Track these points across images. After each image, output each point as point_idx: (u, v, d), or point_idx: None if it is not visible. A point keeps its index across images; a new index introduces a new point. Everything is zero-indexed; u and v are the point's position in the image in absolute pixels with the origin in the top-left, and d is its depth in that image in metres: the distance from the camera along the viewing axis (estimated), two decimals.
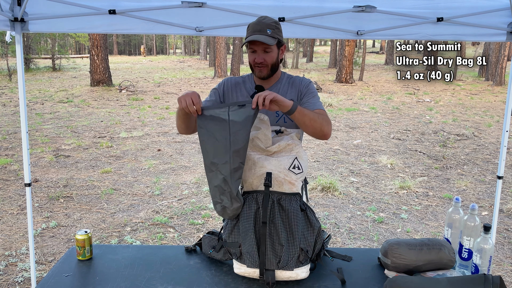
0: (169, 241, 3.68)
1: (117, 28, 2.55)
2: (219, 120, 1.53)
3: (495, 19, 2.54)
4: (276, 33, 1.75)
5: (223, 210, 1.57)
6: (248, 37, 1.72)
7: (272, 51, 1.76)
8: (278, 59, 1.81)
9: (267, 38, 1.71)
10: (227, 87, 1.90)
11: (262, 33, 1.71)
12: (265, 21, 1.75)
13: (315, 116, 1.63)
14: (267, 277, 1.53)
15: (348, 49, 17.15)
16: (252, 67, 1.81)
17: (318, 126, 1.63)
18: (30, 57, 22.33)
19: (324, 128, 1.65)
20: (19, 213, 4.26)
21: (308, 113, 1.61)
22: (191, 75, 21.01)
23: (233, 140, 1.51)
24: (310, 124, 1.62)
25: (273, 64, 1.79)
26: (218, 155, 1.53)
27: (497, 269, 3.31)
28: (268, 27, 1.73)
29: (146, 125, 8.86)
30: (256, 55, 1.76)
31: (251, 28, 1.75)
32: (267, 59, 1.76)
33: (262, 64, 1.76)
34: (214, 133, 1.53)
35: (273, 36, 1.73)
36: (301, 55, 35.94)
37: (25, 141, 2.50)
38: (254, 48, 1.75)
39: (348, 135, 8.08)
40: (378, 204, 4.62)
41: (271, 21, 1.76)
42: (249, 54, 1.79)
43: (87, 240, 1.76)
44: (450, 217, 1.70)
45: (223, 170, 1.52)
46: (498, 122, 9.54)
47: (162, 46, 58.39)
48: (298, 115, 1.58)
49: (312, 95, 1.82)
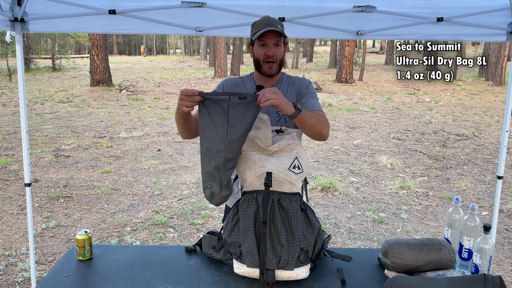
0: (169, 241, 3.68)
1: (117, 28, 2.55)
2: (219, 109, 1.54)
3: (495, 19, 2.54)
4: (283, 30, 1.78)
5: (211, 195, 1.62)
6: (262, 29, 1.71)
7: (281, 46, 1.78)
8: (284, 56, 1.82)
9: (280, 30, 1.73)
10: (226, 89, 1.90)
11: (274, 27, 1.72)
12: (273, 18, 1.79)
13: (315, 121, 1.65)
14: (267, 277, 1.52)
15: (348, 49, 17.15)
16: (260, 64, 1.80)
17: (317, 130, 1.67)
18: (30, 57, 22.33)
19: (323, 131, 1.69)
20: (19, 213, 4.26)
21: (309, 119, 1.62)
22: (191, 75, 21.01)
23: (230, 131, 1.52)
24: (310, 128, 1.65)
25: (281, 60, 1.81)
26: (214, 143, 1.54)
27: (497, 269, 3.31)
28: (278, 23, 1.77)
29: (146, 125, 8.86)
30: (267, 49, 1.76)
31: (261, 23, 1.76)
32: (278, 53, 1.77)
33: (273, 58, 1.76)
34: (213, 120, 1.54)
35: (282, 31, 1.76)
36: (301, 55, 35.94)
37: (25, 141, 2.50)
38: (266, 41, 1.75)
39: (348, 135, 8.08)
40: (378, 204, 4.62)
41: (276, 19, 1.80)
42: (259, 49, 1.78)
43: (87, 240, 1.76)
44: (450, 217, 1.70)
45: (217, 158, 1.54)
46: (498, 122, 9.54)
47: (162, 46, 58.40)
48: (298, 122, 1.61)
49: (311, 96, 1.84)
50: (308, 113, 1.65)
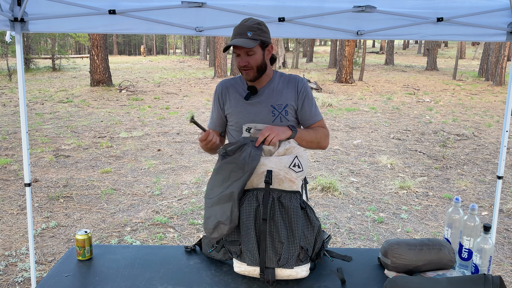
0: (169, 241, 3.68)
1: (117, 28, 2.55)
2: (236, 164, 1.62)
3: (495, 19, 2.54)
4: (258, 35, 1.74)
5: (217, 225, 1.60)
6: (230, 42, 1.74)
7: (255, 53, 1.76)
8: (264, 60, 1.81)
9: (247, 41, 1.70)
10: (222, 94, 1.92)
11: (242, 36, 1.72)
12: (247, 24, 1.74)
13: (312, 138, 1.81)
14: (267, 275, 1.53)
15: (348, 49, 17.15)
16: (240, 71, 1.83)
17: (315, 145, 1.84)
18: (30, 57, 22.32)
19: (322, 144, 1.86)
20: (19, 213, 4.26)
21: (306, 137, 1.78)
22: (191, 75, 21.01)
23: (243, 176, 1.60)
24: (307, 145, 1.81)
25: (259, 66, 1.78)
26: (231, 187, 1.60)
27: (497, 269, 3.31)
28: (249, 29, 1.72)
29: (146, 125, 8.86)
30: (240, 59, 1.78)
31: (234, 32, 1.77)
32: (251, 62, 1.76)
33: (246, 67, 1.77)
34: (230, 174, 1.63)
35: (254, 38, 1.72)
36: (301, 55, 35.95)
37: (25, 141, 2.50)
38: (238, 52, 1.77)
39: (348, 135, 8.08)
40: (378, 204, 4.62)
41: (253, 22, 1.75)
42: (235, 58, 1.82)
43: (87, 240, 1.76)
44: (450, 217, 1.70)
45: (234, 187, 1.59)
46: (498, 122, 9.54)
47: (162, 46, 58.39)
48: (296, 141, 1.75)
49: (310, 102, 1.87)
50: (304, 132, 1.79)
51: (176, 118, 9.75)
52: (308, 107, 1.85)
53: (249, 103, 1.83)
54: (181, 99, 12.83)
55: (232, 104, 1.87)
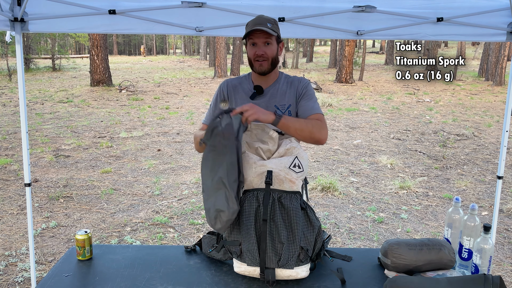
0: (169, 241, 3.68)
1: (117, 28, 2.55)
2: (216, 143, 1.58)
3: (495, 19, 2.54)
4: (275, 28, 1.78)
5: (217, 214, 1.55)
6: (253, 27, 1.73)
7: (272, 44, 1.78)
8: (277, 55, 1.82)
9: (268, 29, 1.73)
10: (228, 93, 1.90)
11: (263, 25, 1.74)
12: (264, 17, 1.80)
13: (301, 126, 1.68)
14: (267, 275, 1.53)
15: (348, 49, 17.15)
16: (251, 62, 1.81)
17: (306, 134, 1.69)
18: (30, 57, 22.32)
19: (315, 135, 1.71)
20: (19, 213, 4.26)
21: (293, 124, 1.66)
22: (191, 75, 21.01)
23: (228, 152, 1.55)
24: (296, 133, 1.68)
25: (273, 58, 1.80)
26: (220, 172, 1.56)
27: (497, 269, 3.31)
28: (268, 21, 1.77)
29: (146, 125, 8.86)
30: (256, 48, 1.77)
31: (252, 23, 1.77)
32: (268, 52, 1.77)
33: (263, 57, 1.76)
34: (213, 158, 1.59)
35: (273, 29, 1.75)
36: (301, 55, 35.93)
37: (25, 141, 2.50)
38: (255, 40, 1.76)
39: (348, 135, 8.08)
40: (378, 204, 4.62)
41: (269, 17, 1.81)
42: (250, 48, 1.79)
43: (87, 240, 1.76)
44: (450, 217, 1.70)
45: (220, 173, 1.55)
46: (498, 122, 9.54)
47: (162, 46, 58.39)
48: (282, 128, 1.65)
49: (309, 98, 1.83)
50: (291, 118, 1.69)
51: (176, 118, 9.75)
52: (305, 102, 1.81)
53: (254, 102, 1.83)
54: (181, 99, 12.83)
55: (237, 103, 1.86)
